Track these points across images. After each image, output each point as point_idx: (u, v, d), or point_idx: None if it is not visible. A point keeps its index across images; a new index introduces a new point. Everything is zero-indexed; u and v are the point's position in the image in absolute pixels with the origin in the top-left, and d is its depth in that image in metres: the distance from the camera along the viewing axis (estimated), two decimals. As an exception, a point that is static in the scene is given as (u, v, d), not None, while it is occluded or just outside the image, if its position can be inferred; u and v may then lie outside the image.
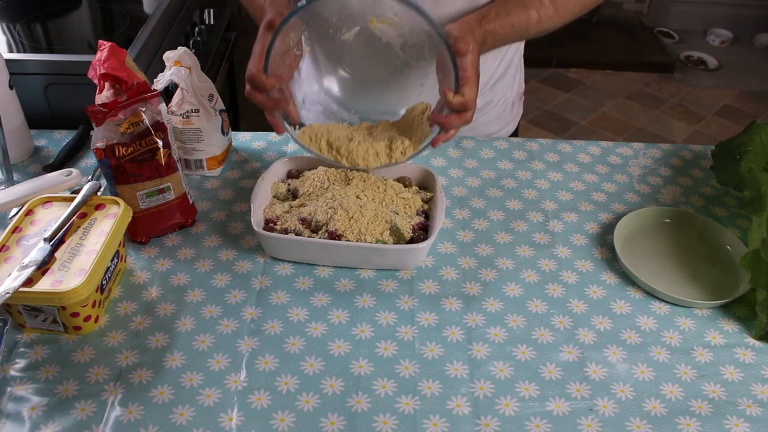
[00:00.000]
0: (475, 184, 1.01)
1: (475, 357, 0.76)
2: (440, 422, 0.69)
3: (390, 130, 0.94)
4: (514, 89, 1.18)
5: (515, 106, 1.21)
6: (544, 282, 0.86)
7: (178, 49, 0.96)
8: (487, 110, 1.13)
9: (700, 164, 1.08)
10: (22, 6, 1.41)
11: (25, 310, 0.74)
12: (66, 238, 0.79)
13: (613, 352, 0.77)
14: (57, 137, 1.08)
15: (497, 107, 1.15)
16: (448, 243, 0.91)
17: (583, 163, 1.07)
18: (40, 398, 0.70)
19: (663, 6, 3.63)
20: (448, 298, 0.83)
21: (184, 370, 0.73)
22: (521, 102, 1.23)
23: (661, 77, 3.30)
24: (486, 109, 1.13)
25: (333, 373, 0.74)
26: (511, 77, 1.15)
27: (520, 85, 1.21)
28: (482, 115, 1.13)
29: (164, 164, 0.86)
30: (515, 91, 1.19)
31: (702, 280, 0.86)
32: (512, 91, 1.17)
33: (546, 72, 3.31)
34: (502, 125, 1.19)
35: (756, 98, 3.17)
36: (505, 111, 1.18)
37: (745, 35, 3.59)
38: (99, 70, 0.88)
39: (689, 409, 0.71)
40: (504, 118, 1.18)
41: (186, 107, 0.95)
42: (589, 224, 0.95)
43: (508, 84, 1.15)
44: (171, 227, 0.90)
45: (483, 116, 1.13)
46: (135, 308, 0.80)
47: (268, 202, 0.91)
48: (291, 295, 0.83)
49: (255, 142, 1.09)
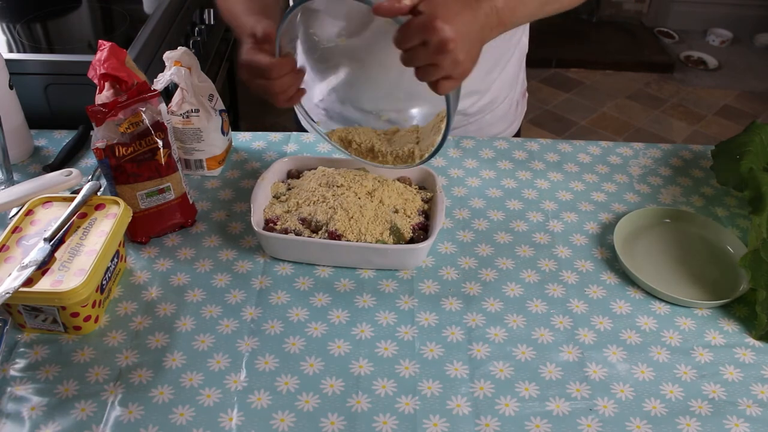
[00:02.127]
0: (475, 184, 1.01)
1: (475, 357, 0.76)
2: (440, 422, 0.69)
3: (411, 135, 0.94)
4: (518, 87, 1.18)
5: (520, 105, 1.21)
6: (544, 282, 0.86)
7: (178, 49, 0.96)
8: (493, 109, 1.13)
9: (700, 164, 1.08)
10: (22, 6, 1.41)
11: (25, 310, 0.74)
12: (66, 238, 0.79)
13: (613, 352, 0.77)
14: (57, 137, 1.08)
15: (503, 105, 1.15)
16: (448, 243, 0.91)
17: (583, 163, 1.07)
18: (40, 398, 0.70)
19: (663, 6, 3.63)
20: (448, 298, 0.83)
21: (184, 370, 0.73)
22: (525, 100, 1.23)
23: (661, 77, 3.30)
24: (492, 108, 1.13)
25: (333, 373, 0.74)
26: (514, 74, 1.15)
27: (523, 82, 1.21)
28: (488, 114, 1.13)
29: (164, 164, 0.86)
30: (519, 88, 1.19)
31: (702, 280, 0.86)
32: (517, 88, 1.17)
33: (546, 72, 3.31)
34: (508, 124, 1.19)
35: (756, 98, 3.17)
36: (510, 109, 1.17)
37: (745, 35, 3.59)
38: (99, 70, 0.88)
39: (689, 409, 0.71)
40: (509, 117, 1.18)
41: (186, 107, 0.95)
42: (589, 224, 0.95)
43: (513, 81, 1.15)
44: (171, 227, 0.90)
45: (489, 115, 1.13)
46: (135, 308, 0.80)
47: (268, 202, 0.91)
48: (291, 295, 0.83)
49: (255, 142, 1.09)
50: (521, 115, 1.23)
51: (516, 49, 1.11)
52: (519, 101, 1.20)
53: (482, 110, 1.12)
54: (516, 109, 1.20)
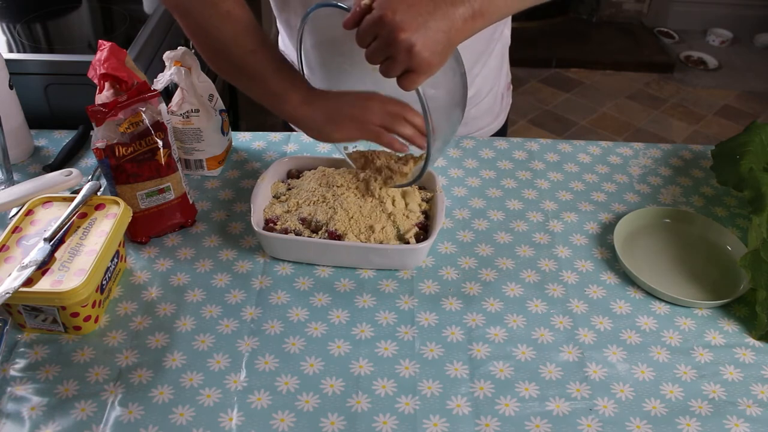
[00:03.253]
0: (475, 184, 1.01)
1: (475, 357, 0.76)
2: (440, 422, 0.69)
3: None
4: (502, 80, 1.17)
5: (505, 98, 1.20)
6: (544, 282, 0.86)
7: (178, 49, 0.96)
8: (477, 102, 1.13)
9: (700, 164, 1.08)
10: (22, 6, 1.41)
11: (25, 310, 0.74)
12: (66, 238, 0.79)
13: (613, 352, 0.77)
14: (57, 137, 1.08)
15: (488, 99, 1.14)
16: (448, 243, 0.91)
17: (583, 163, 1.07)
18: (40, 398, 0.70)
19: (663, 6, 3.63)
20: (448, 298, 0.83)
21: (184, 370, 0.73)
22: (509, 92, 1.23)
23: (661, 77, 3.30)
24: (476, 101, 1.12)
25: (333, 373, 0.74)
26: (497, 67, 1.13)
27: (507, 75, 1.20)
28: (472, 107, 1.13)
29: (164, 164, 0.86)
30: (503, 81, 1.18)
31: (702, 280, 0.86)
32: (501, 81, 1.17)
33: (546, 72, 3.30)
34: (493, 117, 1.18)
35: (756, 98, 3.17)
36: (495, 103, 1.17)
37: (745, 35, 3.59)
38: (99, 70, 0.88)
39: (689, 409, 0.71)
40: (494, 110, 1.18)
41: (186, 107, 0.95)
42: (589, 224, 0.95)
43: (497, 74, 1.14)
44: (171, 227, 0.90)
45: (474, 109, 1.13)
46: (135, 308, 0.80)
47: (268, 202, 0.91)
48: (291, 295, 0.83)
49: (255, 142, 1.09)
50: (506, 108, 1.22)
51: (498, 42, 1.10)
52: (504, 94, 1.19)
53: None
54: (501, 102, 1.19)
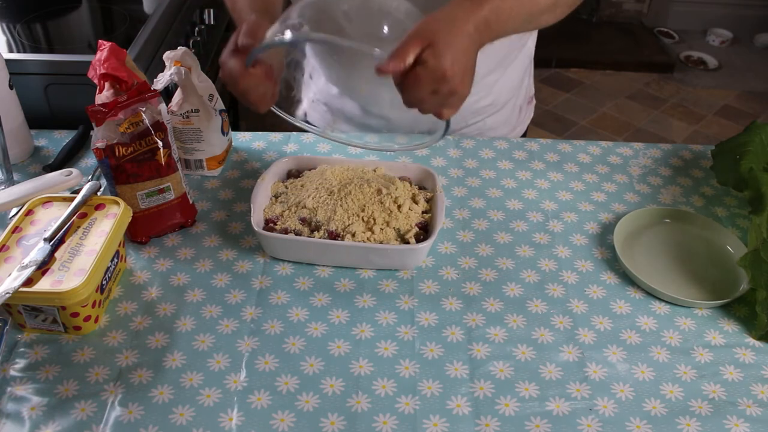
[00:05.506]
0: (475, 184, 1.01)
1: (475, 357, 0.76)
2: (440, 422, 0.69)
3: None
4: (522, 92, 1.16)
5: (524, 111, 1.19)
6: (544, 282, 0.86)
7: (178, 49, 0.96)
8: (492, 112, 1.12)
9: (700, 164, 1.08)
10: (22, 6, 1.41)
11: (25, 310, 0.74)
12: (66, 238, 0.79)
13: (613, 352, 0.77)
14: (57, 137, 1.08)
15: (505, 110, 1.13)
16: (448, 243, 0.91)
17: (583, 163, 1.07)
18: (40, 398, 0.70)
19: (663, 6, 3.63)
20: (448, 298, 0.83)
21: (184, 370, 0.73)
22: (531, 106, 1.22)
23: (661, 77, 3.30)
24: (491, 110, 1.12)
25: (333, 373, 0.74)
26: (519, 78, 1.13)
27: (528, 88, 1.18)
28: (488, 117, 1.13)
29: (164, 164, 0.86)
30: (524, 93, 1.17)
31: (702, 280, 0.86)
32: (521, 93, 1.16)
33: (546, 72, 3.30)
34: (510, 129, 1.17)
35: (756, 98, 3.17)
36: (513, 114, 1.16)
37: (745, 35, 3.59)
38: (99, 70, 0.88)
39: (689, 409, 0.71)
40: (512, 122, 1.17)
41: (186, 107, 0.95)
42: (589, 224, 0.95)
43: (517, 86, 1.13)
44: (171, 227, 0.90)
45: (490, 119, 1.13)
46: (135, 308, 0.80)
47: (268, 202, 0.91)
48: (291, 295, 0.83)
49: (255, 142, 1.09)
50: (525, 121, 1.21)
51: (520, 52, 1.10)
52: (523, 107, 1.18)
53: (481, 112, 1.11)
54: (519, 115, 1.18)
